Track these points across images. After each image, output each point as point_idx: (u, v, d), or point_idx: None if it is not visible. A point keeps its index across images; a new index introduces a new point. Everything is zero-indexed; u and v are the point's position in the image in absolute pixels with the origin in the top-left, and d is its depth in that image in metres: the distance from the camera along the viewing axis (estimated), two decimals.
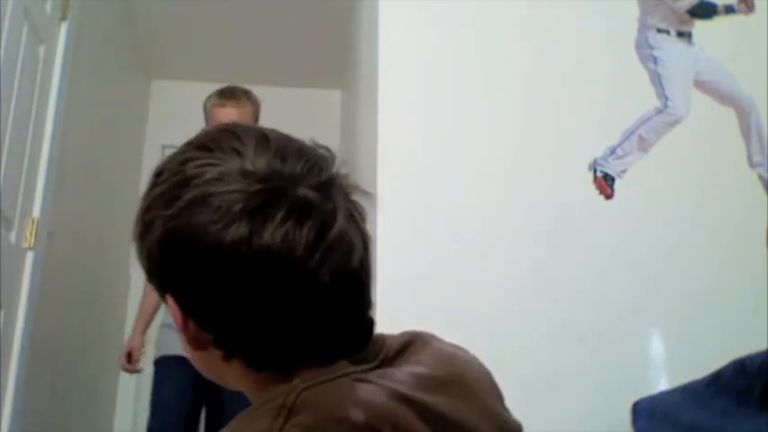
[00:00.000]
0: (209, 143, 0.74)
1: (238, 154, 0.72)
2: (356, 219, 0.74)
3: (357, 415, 0.65)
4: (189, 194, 0.70)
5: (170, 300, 0.73)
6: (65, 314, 2.78)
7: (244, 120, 2.57)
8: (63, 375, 2.78)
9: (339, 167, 0.74)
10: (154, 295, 2.56)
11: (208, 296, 0.71)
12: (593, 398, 2.04)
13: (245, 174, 0.70)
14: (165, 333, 2.59)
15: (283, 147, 0.74)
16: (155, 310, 2.68)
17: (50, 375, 2.65)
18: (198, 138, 0.77)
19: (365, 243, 0.74)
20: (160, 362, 2.58)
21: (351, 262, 0.72)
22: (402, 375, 0.72)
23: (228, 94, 2.64)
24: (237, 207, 0.68)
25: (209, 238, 0.68)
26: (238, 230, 0.68)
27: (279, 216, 0.68)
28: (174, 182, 0.72)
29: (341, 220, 0.71)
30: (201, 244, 0.69)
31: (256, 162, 0.71)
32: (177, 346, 2.43)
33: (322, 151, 0.75)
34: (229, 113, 2.57)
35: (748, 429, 1.39)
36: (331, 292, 0.70)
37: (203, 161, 0.72)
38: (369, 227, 0.75)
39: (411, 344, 0.78)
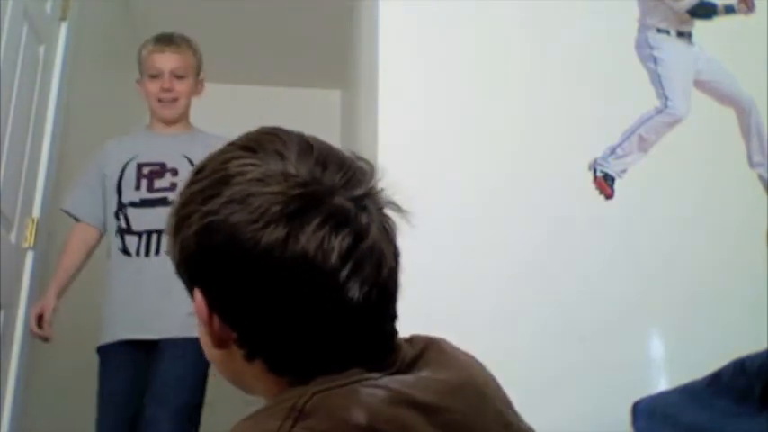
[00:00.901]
0: (253, 144, 0.75)
1: (281, 157, 0.73)
2: (389, 233, 0.75)
3: (364, 419, 0.65)
4: (229, 192, 0.71)
5: (197, 294, 0.74)
6: (64, 314, 2.78)
7: (185, 68, 2.39)
8: (63, 375, 2.78)
9: (377, 181, 0.76)
10: (76, 254, 2.35)
11: (238, 294, 0.71)
12: (593, 398, 2.04)
13: (286, 176, 0.71)
14: (105, 314, 2.30)
15: (325, 155, 0.75)
16: (74, 274, 2.36)
17: (50, 375, 2.64)
18: (241, 139, 0.77)
19: (396, 257, 0.76)
20: (103, 351, 2.28)
21: (381, 274, 0.73)
22: (413, 380, 0.72)
23: (167, 40, 2.40)
24: (276, 209, 0.69)
25: (245, 238, 0.69)
26: (275, 233, 0.69)
27: (315, 222, 0.69)
28: (215, 179, 0.73)
29: (374, 233, 0.73)
30: (237, 242, 0.69)
31: (298, 167, 0.72)
32: (119, 327, 2.24)
33: (361, 163, 0.76)
34: (169, 59, 2.37)
35: (749, 429, 1.39)
36: (359, 301, 0.71)
37: (246, 161, 0.73)
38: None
39: (426, 350, 0.78)
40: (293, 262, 0.69)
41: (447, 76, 2.28)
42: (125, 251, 2.28)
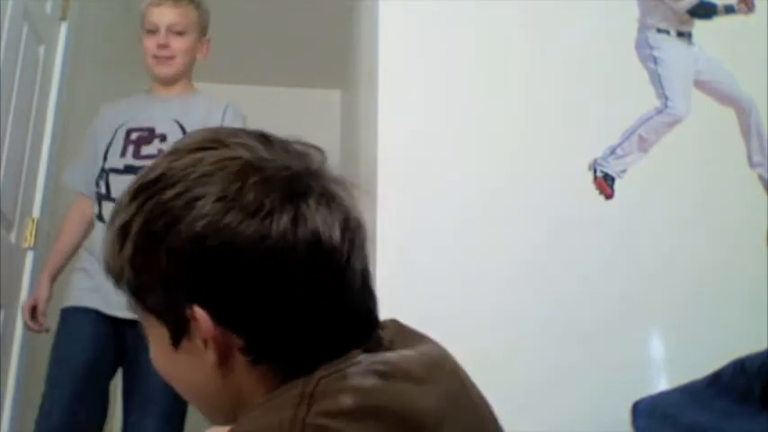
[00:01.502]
0: (212, 143, 0.71)
1: (248, 147, 0.70)
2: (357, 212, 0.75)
3: (369, 400, 0.64)
4: (214, 189, 0.67)
5: (199, 311, 0.67)
6: None
7: (185, 24, 2.21)
8: None
9: (328, 164, 0.74)
10: (69, 237, 2.20)
11: (247, 296, 0.67)
12: (593, 398, 2.04)
13: (266, 162, 0.69)
14: (77, 279, 2.12)
15: (284, 143, 0.73)
16: (69, 255, 2.20)
17: None
18: (191, 142, 0.72)
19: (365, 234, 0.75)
20: (67, 313, 2.09)
21: (365, 249, 0.73)
22: (410, 353, 0.72)
23: None
24: (272, 196, 0.67)
25: (248, 233, 0.66)
26: (280, 220, 0.66)
27: (313, 199, 0.68)
28: (191, 180, 0.68)
29: (353, 210, 0.72)
30: (240, 240, 0.66)
31: (271, 154, 0.70)
32: (89, 296, 2.07)
33: (311, 150, 0.74)
34: (166, 13, 2.19)
35: (749, 429, 1.39)
36: (358, 278, 0.71)
37: (218, 156, 0.69)
38: (368, 226, 0.77)
39: (398, 332, 0.78)
40: (304, 244, 0.67)
41: (447, 76, 2.28)
42: (100, 218, 2.12)
